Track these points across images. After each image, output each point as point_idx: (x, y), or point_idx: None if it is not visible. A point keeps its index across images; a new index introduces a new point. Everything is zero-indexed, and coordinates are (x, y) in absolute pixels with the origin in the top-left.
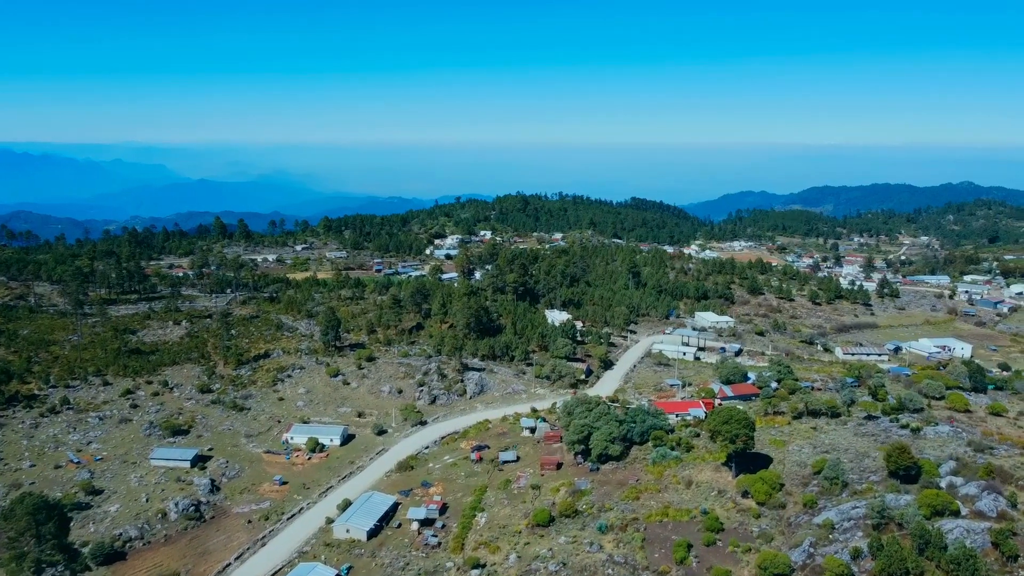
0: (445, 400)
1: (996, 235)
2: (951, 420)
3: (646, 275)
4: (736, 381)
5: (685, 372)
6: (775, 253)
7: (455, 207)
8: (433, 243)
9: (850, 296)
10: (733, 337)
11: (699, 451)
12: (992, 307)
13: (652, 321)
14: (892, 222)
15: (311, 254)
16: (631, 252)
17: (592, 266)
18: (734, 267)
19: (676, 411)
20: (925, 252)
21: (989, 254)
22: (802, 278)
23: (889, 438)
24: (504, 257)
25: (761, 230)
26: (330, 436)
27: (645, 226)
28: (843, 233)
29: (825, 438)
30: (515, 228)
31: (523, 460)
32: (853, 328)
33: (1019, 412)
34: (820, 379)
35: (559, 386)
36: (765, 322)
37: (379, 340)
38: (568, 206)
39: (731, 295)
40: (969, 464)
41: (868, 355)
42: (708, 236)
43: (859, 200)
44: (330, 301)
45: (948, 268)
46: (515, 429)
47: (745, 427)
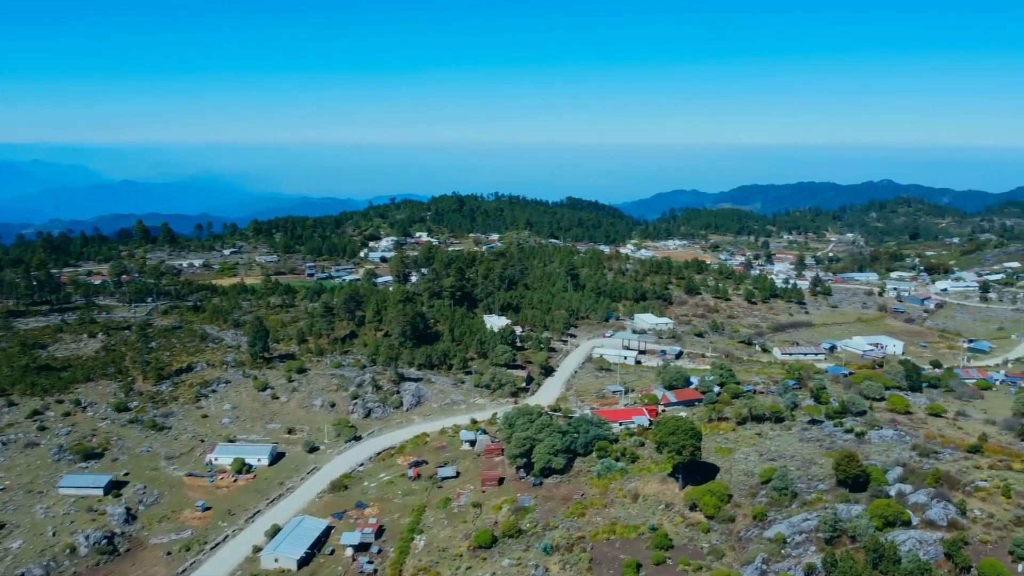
0: (380, 413)
1: (917, 232)
2: (895, 424)
3: (584, 277)
4: (679, 386)
5: (627, 377)
6: (708, 251)
7: (390, 208)
8: (368, 245)
9: (785, 295)
10: (673, 339)
11: (644, 461)
12: (920, 304)
13: (592, 324)
14: (819, 220)
15: (240, 258)
16: (569, 253)
17: (530, 268)
18: (671, 267)
19: (619, 419)
20: (851, 249)
21: (911, 250)
22: (737, 277)
23: (834, 443)
24: (440, 261)
25: (694, 229)
26: (258, 456)
27: (581, 226)
28: (773, 231)
29: (771, 444)
30: (451, 229)
31: (463, 475)
32: (789, 327)
33: (956, 412)
34: (761, 381)
35: (499, 395)
36: (703, 323)
37: (310, 350)
38: (504, 206)
39: (669, 296)
40: (916, 470)
41: (805, 355)
42: (643, 235)
43: (786, 198)
44: (258, 309)
45: (875, 265)
46: (454, 442)
47: (692, 437)
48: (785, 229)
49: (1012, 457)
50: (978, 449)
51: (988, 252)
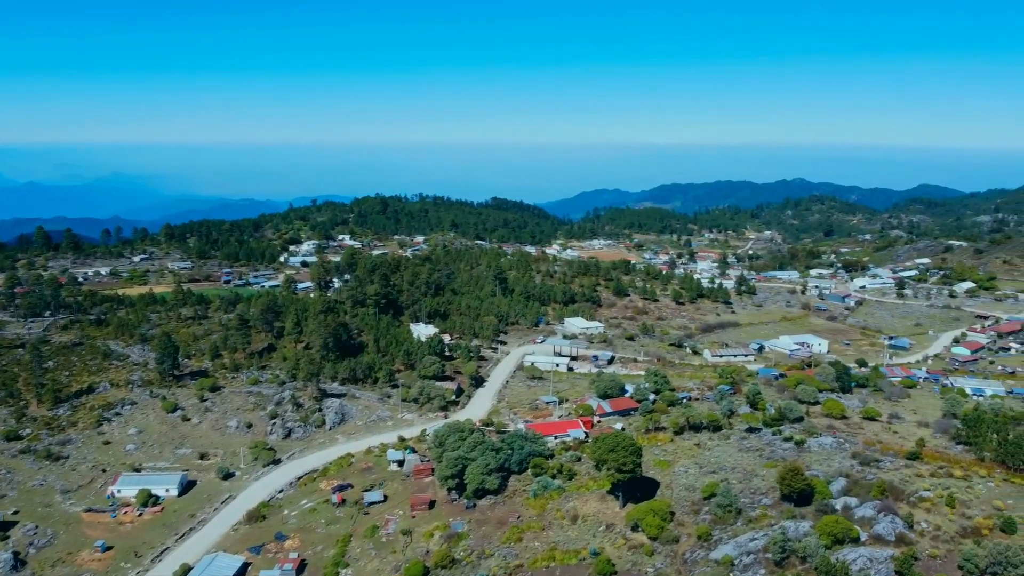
0: (301, 433)
1: (831, 229)
2: (833, 430)
3: (512, 280)
4: (614, 395)
5: (560, 386)
6: (633, 251)
7: (311, 210)
8: (288, 250)
9: (711, 295)
10: (604, 343)
11: (582, 478)
12: (840, 301)
13: (522, 330)
14: (738, 218)
15: (151, 266)
16: (496, 255)
17: (457, 272)
18: (599, 269)
19: (554, 432)
20: (770, 247)
21: (827, 247)
22: (664, 278)
23: (774, 453)
24: (363, 267)
25: (618, 228)
26: (166, 485)
27: (507, 226)
28: (694, 229)
29: (710, 455)
30: (375, 231)
31: (391, 499)
32: (717, 328)
33: (890, 415)
34: (696, 387)
35: (428, 409)
36: (633, 325)
37: (225, 366)
38: (429, 207)
39: (598, 298)
40: (859, 481)
41: (735, 356)
42: (568, 235)
43: (705, 197)
44: (168, 322)
45: (794, 263)
46: (381, 463)
47: (632, 454)
48: (706, 227)
49: (951, 463)
50: (917, 456)
51: (899, 248)
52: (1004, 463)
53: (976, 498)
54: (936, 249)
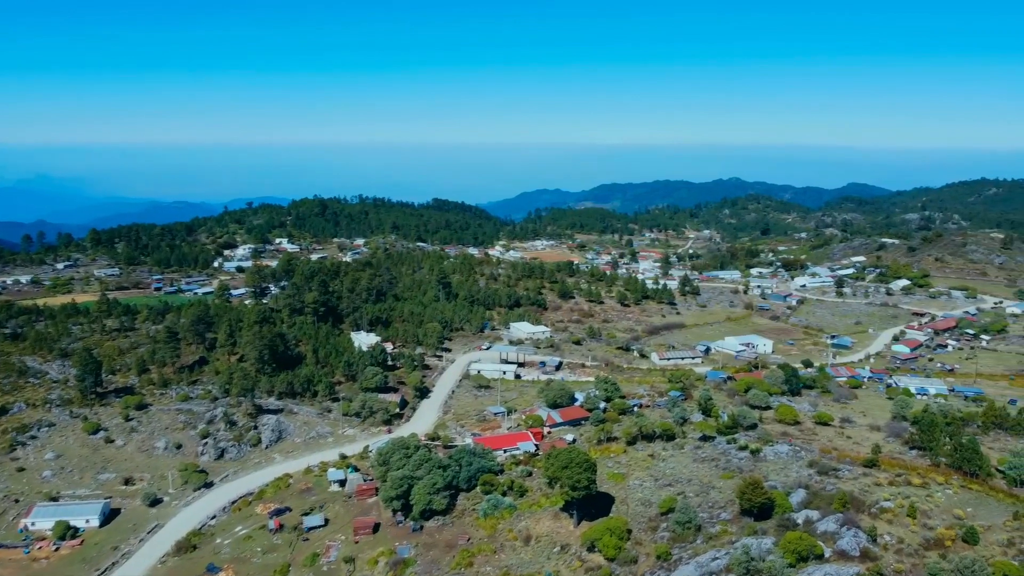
0: (236, 453)
1: (767, 228)
2: (788, 438)
3: (456, 284)
4: (564, 404)
5: (507, 395)
6: (575, 251)
7: (247, 213)
8: (222, 254)
9: (656, 296)
10: (551, 349)
11: (534, 494)
12: (782, 300)
13: (467, 336)
14: (677, 217)
15: (76, 273)
16: (438, 258)
17: (399, 276)
18: (543, 271)
19: (503, 446)
20: (709, 245)
21: (765, 245)
22: (609, 279)
23: (729, 463)
24: (301, 273)
25: (561, 228)
26: (86, 515)
27: (449, 228)
28: (635, 229)
29: (665, 467)
30: (314, 234)
31: (333, 523)
32: (663, 329)
33: (842, 419)
34: (646, 393)
35: (371, 424)
36: (579, 329)
37: (153, 382)
38: (369, 209)
39: (543, 301)
40: (819, 492)
41: (683, 359)
42: (511, 236)
43: (644, 196)
44: (92, 335)
45: (734, 262)
46: (321, 483)
47: (586, 471)
48: (647, 227)
49: (908, 470)
50: (874, 463)
51: (835, 247)
52: (960, 468)
53: (936, 507)
54: (870, 247)
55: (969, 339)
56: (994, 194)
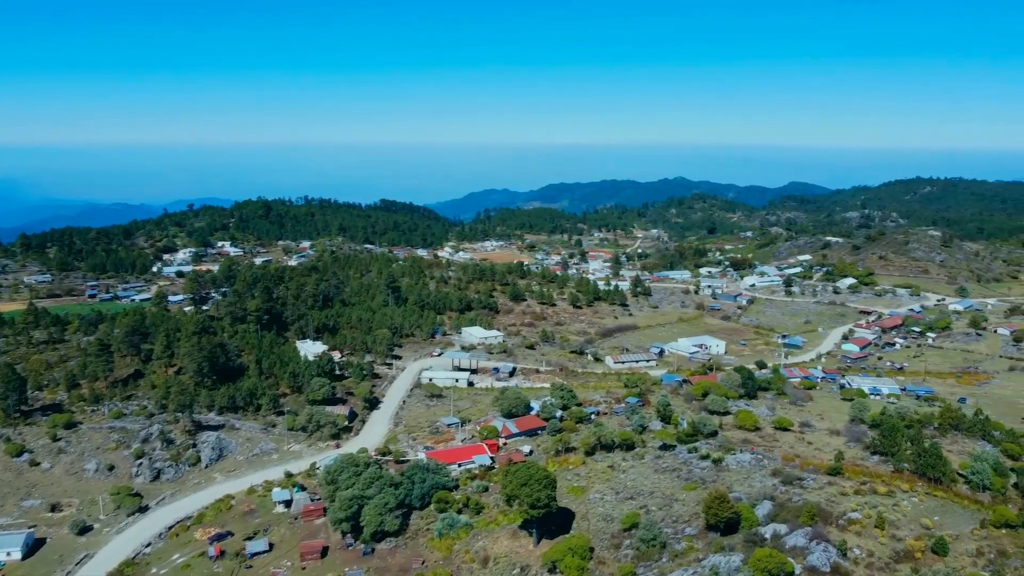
0: (173, 474)
1: (714, 227)
2: (751, 446)
3: (406, 288)
4: (519, 414)
5: (461, 404)
6: (525, 252)
7: (188, 215)
8: (162, 259)
9: (608, 297)
10: (504, 354)
11: (491, 511)
12: (733, 300)
13: (417, 342)
14: (625, 217)
15: (3, 280)
16: (387, 261)
17: (346, 280)
18: (494, 273)
19: (458, 460)
20: (658, 244)
21: (712, 244)
22: (561, 280)
23: (692, 473)
24: (243, 279)
25: (510, 229)
26: (7, 548)
27: (397, 229)
28: (584, 229)
29: (625, 479)
30: (258, 237)
31: (278, 548)
32: (616, 331)
33: (801, 423)
34: (602, 399)
35: (318, 438)
36: (532, 332)
37: (83, 398)
38: (315, 211)
39: (495, 304)
40: (786, 504)
41: (637, 362)
42: (460, 237)
43: (592, 196)
44: (16, 347)
45: (683, 262)
46: (266, 504)
47: (546, 487)
48: (595, 227)
49: (873, 478)
50: (838, 471)
51: (781, 245)
52: (924, 475)
53: (904, 516)
54: (815, 246)
55: (916, 337)
56: (929, 192)
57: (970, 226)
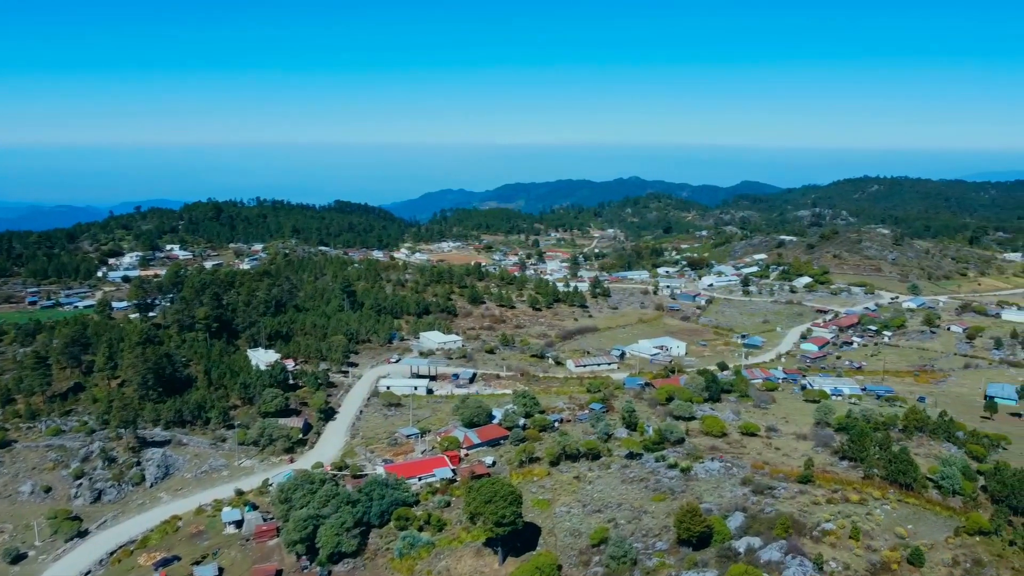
0: (115, 495)
1: (669, 226)
2: (719, 454)
3: (361, 292)
4: (481, 423)
5: (420, 413)
6: (482, 252)
7: (135, 218)
8: (107, 263)
9: (567, 299)
10: (464, 359)
11: (453, 527)
12: (692, 300)
13: (374, 348)
14: (582, 217)
15: None
16: (342, 264)
17: (300, 284)
18: (452, 275)
19: (418, 473)
20: (614, 244)
21: (668, 244)
22: (520, 282)
23: (660, 483)
24: (191, 285)
25: (467, 229)
26: None
27: (352, 231)
28: (541, 229)
29: (592, 490)
30: (208, 239)
31: (229, 572)
32: (576, 334)
33: (767, 428)
34: (565, 405)
35: (271, 453)
36: (492, 336)
37: (19, 414)
38: (268, 212)
39: (453, 308)
40: (758, 515)
41: (599, 365)
42: (417, 238)
43: (548, 196)
44: None
45: (640, 262)
46: (215, 525)
47: (512, 503)
48: (552, 227)
49: (844, 485)
50: (809, 479)
51: (736, 244)
52: (895, 481)
53: (877, 526)
54: (770, 244)
55: (872, 335)
56: (876, 191)
57: (917, 224)
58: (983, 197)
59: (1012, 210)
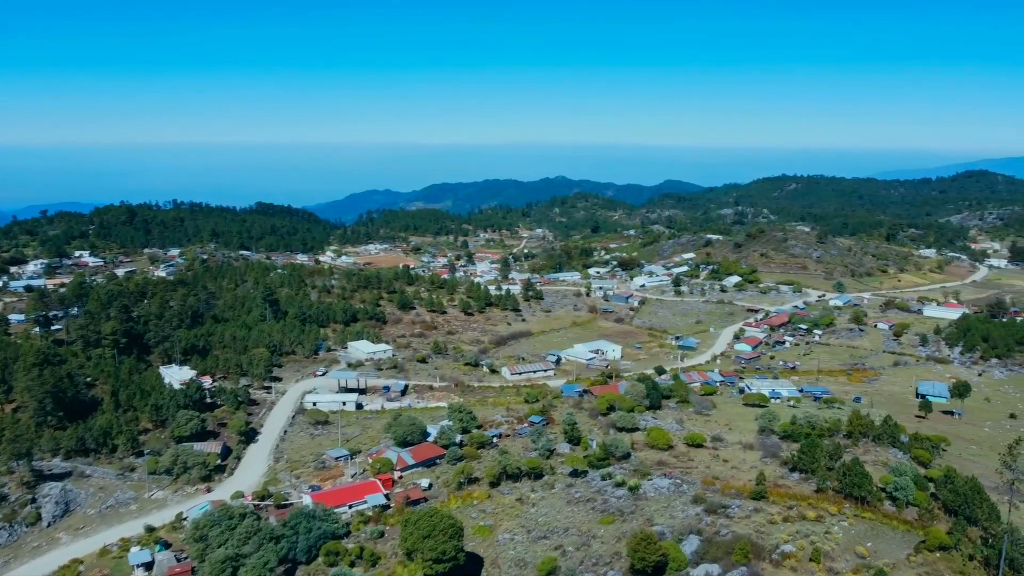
0: (6, 537)
1: (597, 225)
2: (669, 471)
3: (285, 300)
4: (415, 441)
5: (349, 432)
6: (411, 254)
7: (41, 222)
8: (8, 272)
9: (500, 303)
10: (395, 370)
11: (388, 561)
12: (624, 302)
13: (299, 361)
14: (510, 217)
15: None
16: (264, 270)
17: (219, 292)
18: (380, 280)
19: (348, 501)
20: (544, 244)
21: (597, 243)
22: (450, 286)
23: (608, 503)
24: (97, 297)
25: (394, 231)
26: None
27: (275, 234)
28: (470, 230)
29: (537, 514)
30: (121, 245)
31: None
32: (510, 339)
33: (712, 438)
34: (503, 419)
35: (185, 482)
36: (423, 343)
37: None
38: (185, 215)
39: (382, 314)
40: (714, 539)
41: (535, 372)
42: (342, 240)
43: (475, 195)
44: None
45: (570, 262)
46: (122, 567)
47: (452, 537)
48: (481, 227)
49: (799, 501)
50: (763, 495)
51: (664, 243)
52: (850, 495)
53: (837, 545)
54: (697, 243)
55: (803, 334)
56: (794, 189)
57: (836, 221)
58: (893, 194)
59: (920, 207)
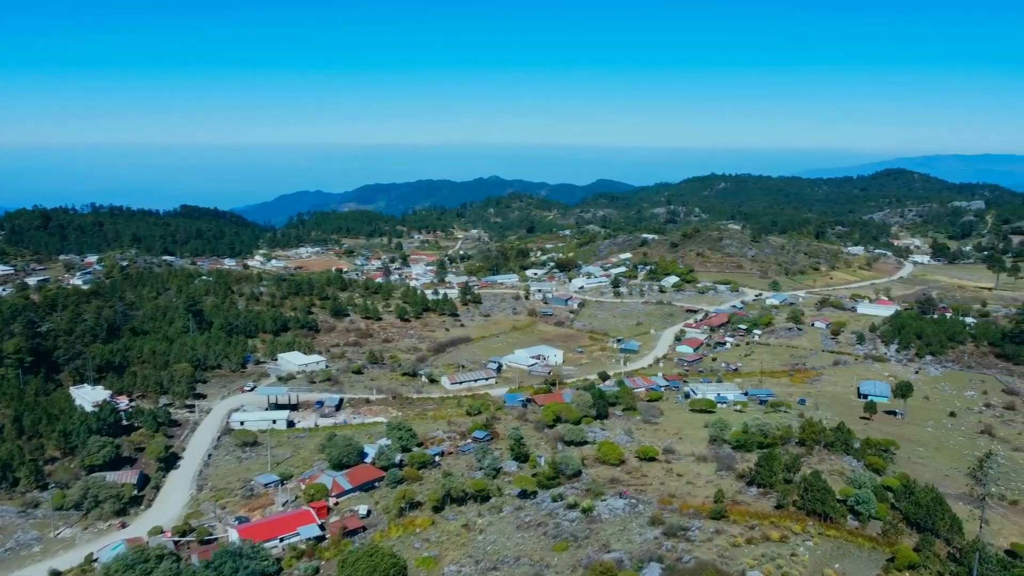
0: None
1: (532, 226)
2: (623, 490)
3: (210, 309)
4: (352, 463)
5: (280, 453)
6: (344, 257)
7: None
8: None
9: (437, 307)
10: (329, 382)
11: None
12: (564, 304)
13: (225, 375)
14: (444, 217)
15: None
16: (188, 278)
17: (139, 302)
18: (312, 286)
19: (279, 534)
20: (479, 245)
21: (533, 244)
22: (386, 291)
23: (560, 528)
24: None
25: (326, 233)
26: None
27: (201, 238)
28: (404, 231)
29: (484, 541)
30: (34, 251)
31: None
32: (449, 346)
33: (664, 450)
34: (445, 434)
35: (97, 517)
36: (359, 353)
37: None
38: (104, 220)
39: (314, 323)
40: (676, 567)
41: (476, 381)
42: (272, 244)
43: (408, 196)
44: None
45: (507, 263)
46: None
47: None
48: (415, 228)
49: (761, 520)
50: (722, 514)
51: (600, 243)
52: (814, 511)
53: (804, 568)
54: (634, 243)
55: (743, 334)
56: (723, 188)
57: (765, 219)
58: (817, 192)
59: (843, 204)
